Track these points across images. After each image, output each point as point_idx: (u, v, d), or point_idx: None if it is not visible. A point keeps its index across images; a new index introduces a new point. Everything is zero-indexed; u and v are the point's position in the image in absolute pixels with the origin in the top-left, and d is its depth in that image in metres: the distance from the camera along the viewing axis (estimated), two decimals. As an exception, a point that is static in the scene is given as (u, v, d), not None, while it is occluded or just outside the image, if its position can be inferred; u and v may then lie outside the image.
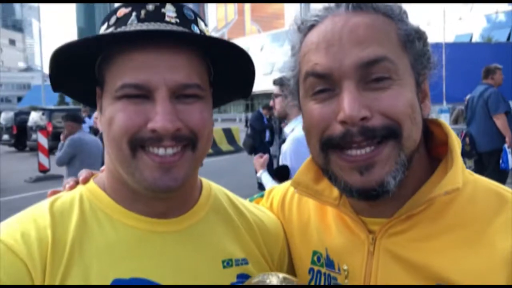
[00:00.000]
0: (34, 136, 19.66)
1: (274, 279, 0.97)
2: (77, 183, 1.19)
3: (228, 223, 1.21)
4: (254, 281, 1.00)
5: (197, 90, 1.04)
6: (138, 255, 1.04)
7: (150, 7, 1.02)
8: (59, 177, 14.29)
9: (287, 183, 1.45)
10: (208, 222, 1.17)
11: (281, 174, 3.98)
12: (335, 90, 1.01)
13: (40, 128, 17.09)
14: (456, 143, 1.07)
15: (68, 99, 73.93)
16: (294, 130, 4.06)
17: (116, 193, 1.10)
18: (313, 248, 1.23)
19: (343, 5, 1.04)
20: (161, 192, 1.03)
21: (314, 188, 1.20)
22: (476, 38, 46.61)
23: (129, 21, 1.02)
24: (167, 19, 1.02)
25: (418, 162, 1.07)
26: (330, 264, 1.17)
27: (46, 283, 0.94)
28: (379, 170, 0.99)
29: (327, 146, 1.04)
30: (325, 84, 1.02)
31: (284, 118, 4.40)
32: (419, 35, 1.05)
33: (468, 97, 8.49)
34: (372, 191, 1.00)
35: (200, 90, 1.04)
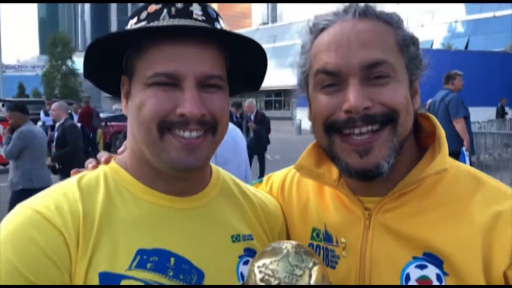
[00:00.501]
0: (-7, 128, 19.00)
1: (288, 245, 1.08)
2: (98, 163, 1.29)
3: (235, 203, 1.34)
4: (269, 248, 1.10)
5: (219, 80, 1.16)
6: (159, 228, 1.14)
7: (179, 5, 1.14)
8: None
9: (284, 170, 1.62)
10: (218, 201, 1.29)
11: None
12: (342, 85, 1.17)
13: (1, 120, 16.57)
14: (443, 133, 1.25)
15: (28, 91, 71.75)
16: None
17: (139, 173, 1.20)
18: (312, 225, 1.38)
19: (351, 12, 1.20)
20: (185, 170, 1.14)
21: (315, 171, 1.37)
22: (436, 45, 48.03)
23: (161, 17, 1.13)
24: (194, 16, 1.14)
25: (408, 150, 1.25)
26: (328, 238, 1.33)
27: (79, 254, 1.03)
28: (376, 154, 1.16)
29: (331, 129, 1.20)
30: (333, 80, 1.18)
31: None
32: (413, 41, 1.23)
33: (429, 101, 8.80)
34: (369, 172, 1.16)
35: (221, 81, 1.17)
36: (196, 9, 1.15)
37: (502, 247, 1.07)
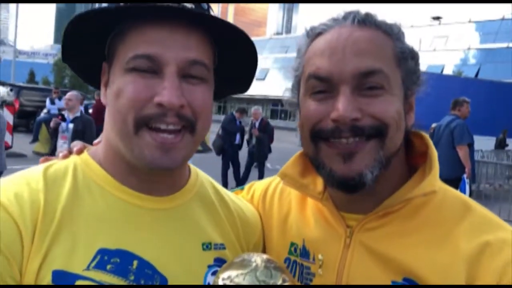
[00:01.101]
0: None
1: (258, 259, 1.01)
2: (70, 153, 1.22)
3: (210, 209, 1.27)
4: (238, 260, 1.03)
5: (203, 69, 1.09)
6: (125, 228, 1.08)
7: None
8: (21, 156, 13.99)
9: (268, 179, 1.57)
10: (193, 205, 1.23)
11: None
12: (333, 92, 1.13)
13: (7, 104, 16.64)
14: (435, 154, 1.20)
15: (38, 78, 71.99)
16: None
17: (111, 166, 1.14)
18: (291, 239, 1.33)
19: (350, 18, 1.16)
20: (159, 169, 1.08)
21: (300, 181, 1.32)
22: (447, 71, 47.98)
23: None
24: (184, 4, 1.07)
25: (396, 167, 1.20)
26: (305, 254, 1.27)
27: (34, 247, 0.96)
28: (359, 161, 1.11)
29: (317, 137, 1.16)
30: (324, 86, 1.14)
31: None
32: (412, 55, 1.19)
33: (434, 125, 8.80)
34: (351, 180, 1.11)
35: (206, 71, 1.10)
36: None
37: (486, 281, 1.01)
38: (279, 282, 0.97)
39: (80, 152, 1.21)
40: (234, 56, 1.19)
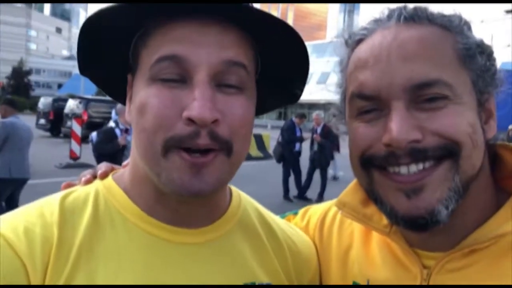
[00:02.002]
0: (69, 123, 20.09)
1: None
2: (94, 177, 1.07)
3: (255, 241, 1.08)
4: None
5: (243, 72, 0.89)
6: (150, 266, 0.92)
7: None
8: (88, 166, 14.51)
9: (326, 203, 1.34)
10: (233, 237, 1.04)
11: None
12: (384, 110, 0.92)
13: (76, 116, 17.42)
14: None
15: (106, 90, 75.65)
16: None
17: (136, 193, 0.98)
18: (353, 278, 1.10)
19: (395, 16, 0.95)
20: (190, 196, 0.89)
21: (362, 211, 1.09)
22: (522, 67, 45.40)
23: None
24: None
25: (481, 191, 0.96)
26: None
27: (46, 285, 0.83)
28: (429, 195, 0.89)
29: (369, 165, 0.94)
30: (372, 104, 0.94)
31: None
32: (481, 49, 0.94)
33: (511, 127, 8.24)
34: (421, 219, 0.89)
35: (246, 75, 0.90)
36: None
37: None
38: None
39: (104, 176, 1.05)
40: (280, 61, 0.98)
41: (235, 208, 1.08)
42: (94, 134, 8.98)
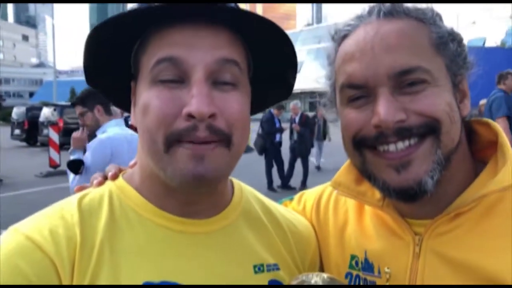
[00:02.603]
0: (45, 131, 19.81)
1: (319, 279, 0.92)
2: (105, 178, 1.15)
3: (259, 226, 1.17)
4: (296, 282, 0.94)
5: (236, 70, 0.98)
6: (168, 256, 0.99)
7: None
8: (69, 173, 14.38)
9: (319, 187, 1.44)
10: (239, 225, 1.12)
11: (73, 166, 4.31)
12: (370, 97, 1.03)
13: (52, 124, 17.19)
14: (507, 142, 1.06)
15: (79, 95, 74.42)
16: (105, 131, 4.44)
17: (147, 190, 1.05)
18: (351, 252, 1.21)
19: (375, 12, 1.06)
20: (194, 182, 0.95)
21: (356, 189, 1.20)
22: (489, 43, 46.22)
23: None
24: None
25: (460, 163, 1.07)
26: (368, 267, 1.15)
27: (75, 282, 0.90)
28: (417, 168, 1.00)
29: (361, 145, 1.06)
30: (361, 92, 1.04)
31: (96, 130, 4.61)
32: (452, 37, 1.06)
33: (483, 101, 8.50)
34: (410, 189, 1.00)
35: (239, 71, 0.98)
36: None
37: None
38: None
39: (115, 177, 1.12)
40: (269, 57, 1.07)
41: (238, 198, 1.16)
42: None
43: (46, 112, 23.97)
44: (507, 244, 0.96)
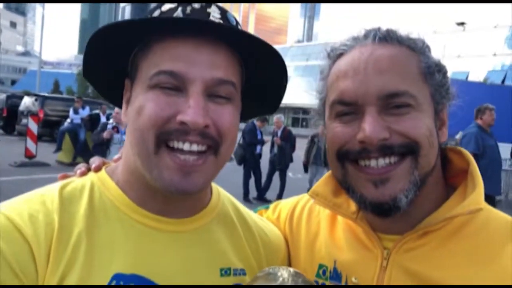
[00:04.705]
0: (24, 121, 19.49)
1: (284, 273, 0.94)
2: (88, 170, 1.18)
3: (231, 231, 1.21)
4: (262, 274, 0.96)
5: (231, 89, 1.04)
6: (141, 252, 1.03)
7: (196, 5, 1.03)
8: (44, 165, 14.19)
9: (294, 198, 1.50)
10: (213, 228, 1.17)
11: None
12: (358, 114, 1.09)
13: (32, 114, 16.94)
14: (477, 170, 1.14)
15: (62, 88, 73.45)
16: None
17: (128, 186, 1.09)
18: (319, 261, 1.27)
19: (371, 36, 1.12)
20: (177, 193, 1.01)
21: (332, 200, 1.27)
22: (472, 78, 47.20)
23: (175, 15, 1.02)
24: (211, 18, 1.02)
25: (433, 186, 1.14)
26: (336, 277, 1.21)
27: (49, 269, 0.92)
28: (393, 186, 1.06)
29: (344, 158, 1.12)
30: (350, 109, 1.10)
31: None
32: (439, 68, 1.14)
33: (459, 135, 8.59)
34: (385, 204, 1.06)
35: (234, 90, 1.05)
36: (214, 11, 1.04)
37: None
38: None
39: (98, 169, 1.16)
40: (262, 75, 1.14)
41: (215, 202, 1.22)
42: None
43: (27, 102, 23.59)
44: (470, 262, 1.04)
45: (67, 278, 0.93)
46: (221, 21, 1.03)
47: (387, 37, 1.12)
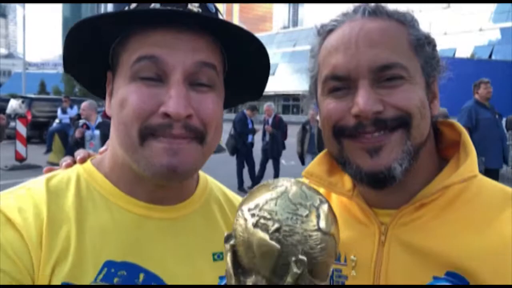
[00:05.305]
0: (12, 124, 19.33)
1: (285, 182, 0.84)
2: (74, 162, 1.18)
3: (220, 216, 1.22)
4: (261, 186, 0.86)
5: (213, 73, 1.03)
6: (131, 239, 1.03)
7: None
8: (36, 167, 14.07)
9: None
10: (202, 213, 1.17)
11: None
12: (351, 88, 1.09)
13: (19, 116, 16.78)
14: (469, 139, 1.16)
15: (49, 88, 72.90)
16: None
17: (116, 177, 1.09)
18: None
19: (360, 11, 1.13)
20: (168, 174, 0.99)
21: (327, 179, 1.26)
22: (459, 54, 47.38)
23: (152, 5, 1.00)
24: (190, 6, 1.01)
25: (427, 159, 1.15)
26: None
27: (43, 257, 0.93)
28: (387, 155, 1.07)
29: (340, 135, 1.12)
30: (342, 84, 1.10)
31: None
32: (428, 40, 1.14)
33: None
34: (380, 173, 1.07)
35: (215, 75, 1.04)
36: None
37: None
38: (317, 203, 0.81)
39: (83, 161, 1.16)
40: (244, 63, 1.13)
41: (202, 188, 1.22)
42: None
43: (13, 104, 23.36)
44: (468, 230, 1.04)
45: (60, 267, 0.94)
46: (199, 10, 1.02)
47: (376, 11, 1.12)
